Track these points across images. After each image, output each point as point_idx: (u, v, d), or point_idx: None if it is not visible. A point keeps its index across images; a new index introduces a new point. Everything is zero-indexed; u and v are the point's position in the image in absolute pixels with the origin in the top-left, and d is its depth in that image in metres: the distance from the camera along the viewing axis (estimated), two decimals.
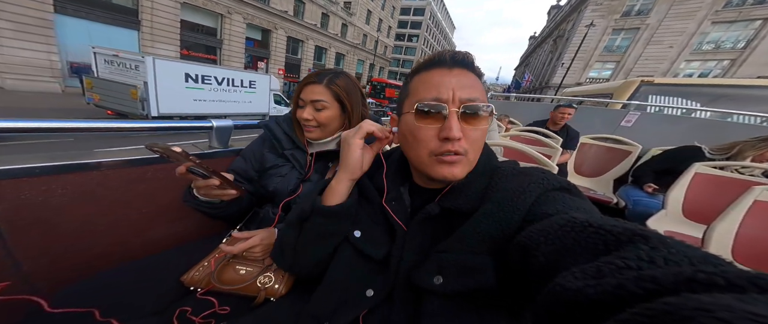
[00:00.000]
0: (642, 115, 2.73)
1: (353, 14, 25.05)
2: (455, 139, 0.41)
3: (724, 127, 2.40)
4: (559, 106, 2.45)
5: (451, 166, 0.43)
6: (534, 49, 44.17)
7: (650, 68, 18.27)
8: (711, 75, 16.85)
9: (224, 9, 13.54)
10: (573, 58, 18.91)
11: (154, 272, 0.66)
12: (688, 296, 0.15)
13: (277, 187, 0.80)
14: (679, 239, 0.23)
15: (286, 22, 17.23)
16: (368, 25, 28.40)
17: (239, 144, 1.02)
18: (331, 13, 21.64)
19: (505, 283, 0.37)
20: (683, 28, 17.24)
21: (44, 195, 0.66)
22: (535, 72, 35.14)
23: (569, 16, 24.79)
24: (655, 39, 18.14)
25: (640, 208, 1.71)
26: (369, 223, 0.53)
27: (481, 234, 0.39)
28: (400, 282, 0.46)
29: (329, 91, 0.76)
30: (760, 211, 1.05)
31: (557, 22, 29.61)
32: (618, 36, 19.83)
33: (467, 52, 0.45)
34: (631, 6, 19.05)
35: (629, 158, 2.29)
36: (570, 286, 0.22)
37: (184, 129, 0.89)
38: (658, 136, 2.46)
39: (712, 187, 1.52)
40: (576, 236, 0.28)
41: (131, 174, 0.77)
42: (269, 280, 0.65)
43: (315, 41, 20.69)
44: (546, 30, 38.71)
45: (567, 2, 29.81)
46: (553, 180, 0.42)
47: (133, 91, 6.06)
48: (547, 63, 29.79)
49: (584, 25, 18.57)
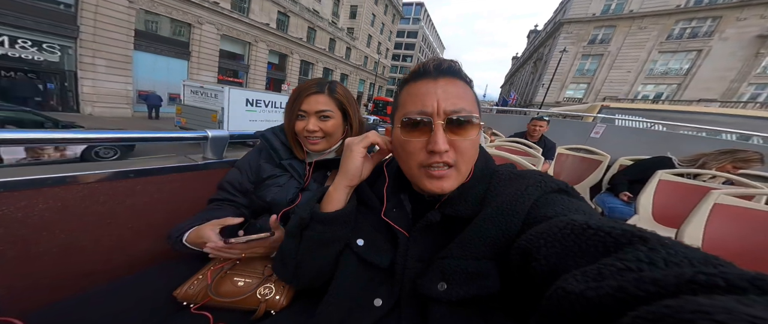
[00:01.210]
0: (608, 127, 2.99)
1: (356, 38, 27.83)
2: (442, 152, 0.41)
3: (679, 137, 2.68)
4: (532, 119, 2.63)
5: (439, 181, 0.43)
6: (517, 69, 48.39)
7: (615, 89, 21.47)
8: (663, 95, 20.10)
9: (252, 38, 15.65)
10: (551, 79, 21.91)
11: (143, 289, 0.63)
12: (687, 299, 0.16)
13: (275, 197, 0.78)
14: None
15: (300, 47, 19.53)
16: (368, 47, 31.26)
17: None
18: (338, 39, 24.21)
19: (509, 287, 0.37)
20: (637, 56, 20.64)
21: (24, 211, 0.62)
22: (519, 91, 38.66)
23: (546, 41, 28.40)
24: (616, 64, 21.46)
25: (615, 215, 1.81)
26: (371, 231, 0.52)
27: (482, 239, 0.39)
28: (405, 290, 0.45)
29: (332, 99, 0.75)
30: (721, 214, 1.10)
31: (536, 46, 33.42)
32: (587, 61, 23.16)
33: (453, 60, 0.44)
34: (595, 35, 22.53)
35: (601, 167, 2.42)
36: (571, 289, 0.22)
37: (178, 139, 0.86)
38: (623, 146, 2.67)
39: (676, 192, 1.59)
40: (576, 239, 0.28)
41: (119, 187, 0.73)
42: (270, 292, 0.62)
43: (323, 63, 23.04)
44: (527, 52, 42.89)
45: (543, 28, 33.87)
46: (551, 182, 0.42)
47: (214, 115, 7.77)
48: (530, 83, 33.25)
49: (558, 51, 21.73)
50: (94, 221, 0.71)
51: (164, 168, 0.80)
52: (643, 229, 0.26)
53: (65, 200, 0.66)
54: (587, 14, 22.47)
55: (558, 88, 24.03)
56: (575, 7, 23.02)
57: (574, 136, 3.04)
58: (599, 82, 22.24)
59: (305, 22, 19.30)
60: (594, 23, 22.26)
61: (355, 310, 0.47)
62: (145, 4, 10.07)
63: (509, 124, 3.61)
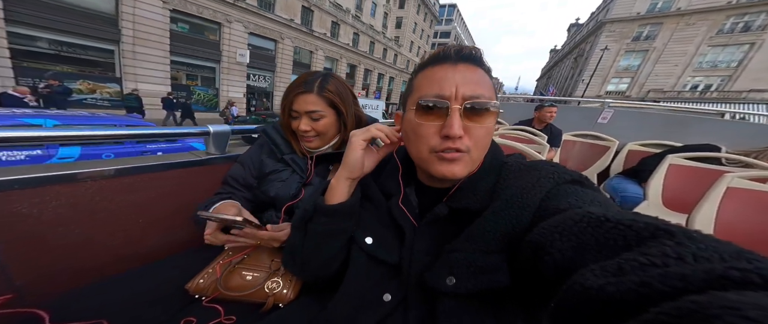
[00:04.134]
0: (616, 112, 2.89)
1: (401, 46, 31.48)
2: (456, 137, 0.41)
3: (685, 120, 2.64)
4: (544, 106, 2.54)
5: (450, 164, 0.43)
6: (556, 64, 48.00)
7: (660, 82, 22.18)
8: (713, 87, 20.56)
9: (313, 47, 19.93)
10: (591, 75, 23.25)
11: (156, 281, 0.65)
12: (716, 294, 0.15)
13: (278, 192, 0.78)
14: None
15: (365, 58, 23.68)
16: (411, 52, 34.71)
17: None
18: (389, 48, 28.05)
19: (519, 282, 0.36)
20: (684, 51, 21.20)
21: (38, 207, 0.64)
22: (558, 85, 39.02)
23: (587, 38, 29.14)
24: (662, 59, 22.12)
25: (628, 203, 1.72)
26: (378, 227, 0.52)
27: (491, 233, 0.38)
28: (413, 284, 0.45)
29: (322, 99, 0.74)
30: (734, 198, 1.05)
31: (577, 41, 33.86)
32: (630, 56, 23.93)
33: (474, 47, 0.43)
34: (639, 32, 23.26)
35: (609, 153, 2.37)
36: (589, 284, 0.21)
37: (180, 135, 0.85)
38: (631, 130, 2.61)
39: (687, 177, 1.54)
40: (593, 232, 0.27)
41: (126, 183, 0.75)
42: (277, 286, 0.64)
43: (379, 70, 27.10)
44: (567, 46, 42.66)
45: (585, 24, 34.05)
46: (564, 173, 0.41)
47: None
48: (570, 78, 33.88)
49: (600, 49, 22.92)
50: (105, 217, 0.74)
51: (169, 164, 0.81)
52: (668, 222, 0.25)
53: (76, 197, 0.69)
54: (631, 13, 23.21)
55: (599, 83, 25.05)
56: (618, 7, 23.78)
57: (580, 121, 3.00)
58: (643, 76, 22.98)
59: (368, 38, 23.32)
60: (638, 21, 22.99)
61: (365, 305, 0.48)
62: (177, 4, 10.19)
63: (511, 113, 3.53)
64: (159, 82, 10.61)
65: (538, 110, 2.57)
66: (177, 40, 10.78)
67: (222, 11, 11.81)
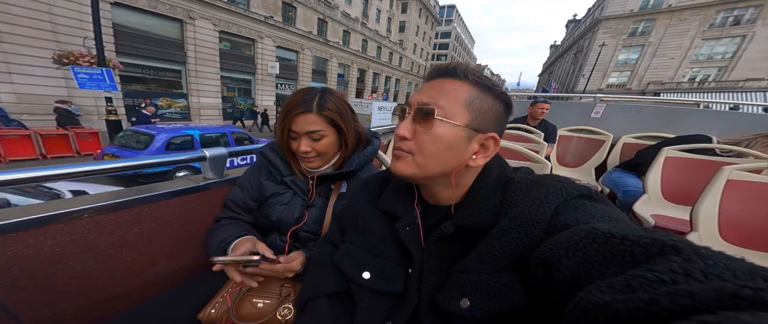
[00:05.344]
0: (608, 106, 2.97)
1: (406, 49, 32.79)
2: (398, 137, 0.45)
3: (675, 112, 2.69)
4: (536, 102, 2.54)
5: (396, 160, 0.46)
6: (556, 59, 48.88)
7: (659, 75, 23.16)
8: (710, 78, 21.52)
9: (328, 55, 21.28)
10: (591, 70, 24.28)
11: (167, 312, 0.65)
12: (728, 315, 0.14)
13: (280, 216, 0.78)
14: (664, 224, 0.41)
15: (373, 62, 25.01)
16: (414, 54, 36.00)
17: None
18: (394, 51, 29.38)
19: (534, 302, 0.35)
20: (679, 44, 22.22)
21: (33, 248, 0.63)
22: (559, 80, 39.93)
23: (585, 34, 30.16)
24: (659, 53, 23.13)
25: (630, 198, 1.70)
26: (372, 259, 0.52)
27: (501, 252, 0.38)
28: (424, 306, 0.44)
29: (322, 118, 0.72)
30: (736, 190, 1.06)
31: (575, 38, 34.85)
32: (628, 51, 24.93)
33: (456, 62, 0.44)
34: (634, 28, 24.27)
35: (604, 147, 2.40)
36: (596, 301, 0.21)
37: (178, 162, 0.89)
38: (624, 124, 2.64)
39: (684, 168, 1.55)
40: (599, 248, 0.27)
41: (125, 217, 0.74)
42: (289, 312, 0.63)
43: (386, 73, 28.44)
44: (566, 42, 43.57)
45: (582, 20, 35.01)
46: (572, 188, 0.40)
47: (368, 117, 13.15)
48: (570, 73, 34.87)
49: (597, 45, 23.93)
50: (105, 250, 0.72)
51: (166, 193, 0.81)
52: (676, 237, 0.24)
53: (72, 234, 0.67)
54: (625, 11, 24.27)
55: (600, 78, 26.05)
56: (612, 4, 24.83)
57: (574, 116, 3.05)
58: (642, 69, 23.97)
59: (375, 43, 24.69)
60: (633, 18, 24.03)
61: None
62: (223, 25, 11.91)
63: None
64: (213, 95, 12.45)
65: (531, 106, 2.64)
66: (223, 58, 12.47)
67: (256, 28, 13.40)
